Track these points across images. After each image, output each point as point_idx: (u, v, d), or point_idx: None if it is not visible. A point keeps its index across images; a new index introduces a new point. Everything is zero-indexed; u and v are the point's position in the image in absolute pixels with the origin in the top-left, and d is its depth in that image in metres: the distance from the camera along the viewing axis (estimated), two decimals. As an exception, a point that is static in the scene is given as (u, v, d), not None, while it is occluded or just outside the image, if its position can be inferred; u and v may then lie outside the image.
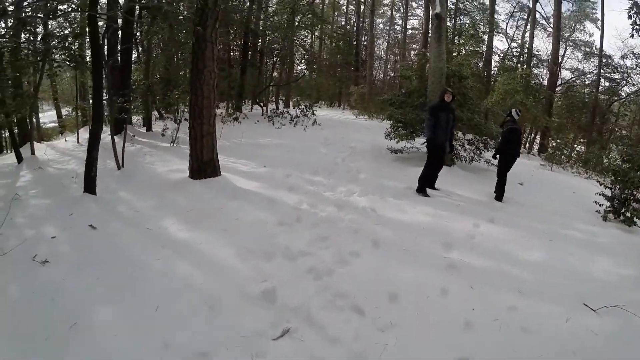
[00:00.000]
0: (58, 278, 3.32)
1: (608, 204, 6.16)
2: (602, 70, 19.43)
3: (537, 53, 21.96)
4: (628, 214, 5.84)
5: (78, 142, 11.28)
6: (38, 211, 4.94)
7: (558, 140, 14.93)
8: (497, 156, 6.57)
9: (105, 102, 7.16)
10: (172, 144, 9.16)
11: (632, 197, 6.01)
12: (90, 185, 5.35)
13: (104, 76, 6.70)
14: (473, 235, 4.71)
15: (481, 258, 4.11)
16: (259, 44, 18.58)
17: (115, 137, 7.47)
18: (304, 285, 3.41)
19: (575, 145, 16.48)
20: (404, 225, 4.90)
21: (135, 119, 13.97)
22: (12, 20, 6.99)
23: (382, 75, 33.92)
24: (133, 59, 13.05)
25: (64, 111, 19.97)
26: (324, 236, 4.39)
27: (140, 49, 14.06)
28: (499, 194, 6.44)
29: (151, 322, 2.88)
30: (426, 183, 6.31)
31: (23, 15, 6.96)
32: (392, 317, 3.05)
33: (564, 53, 20.62)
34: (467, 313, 3.14)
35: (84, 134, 9.99)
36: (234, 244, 4.07)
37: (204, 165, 6.12)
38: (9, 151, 12.93)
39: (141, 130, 11.81)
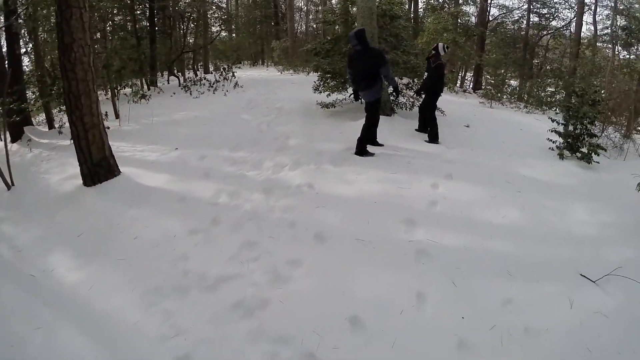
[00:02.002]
0: None
1: (562, 140, 5.91)
2: (531, 6, 19.61)
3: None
4: (584, 150, 5.61)
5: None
6: None
7: (494, 77, 14.77)
8: (423, 94, 6.44)
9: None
10: (71, 141, 7.43)
11: (585, 132, 5.74)
12: None
13: None
14: (435, 201, 3.93)
15: (452, 233, 3.35)
16: (169, 8, 16.29)
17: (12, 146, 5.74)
18: (230, 334, 2.35)
19: (507, 80, 16.51)
20: (352, 202, 3.92)
21: (42, 117, 11.59)
22: None
23: (304, 27, 32.41)
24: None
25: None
26: (251, 241, 3.28)
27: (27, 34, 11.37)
28: (436, 135, 6.11)
29: None
30: (367, 142, 5.40)
31: None
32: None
33: (491, -12, 20.30)
34: (456, 325, 2.39)
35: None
36: (133, 280, 2.90)
37: (95, 167, 4.78)
38: None
39: (44, 129, 9.71)
